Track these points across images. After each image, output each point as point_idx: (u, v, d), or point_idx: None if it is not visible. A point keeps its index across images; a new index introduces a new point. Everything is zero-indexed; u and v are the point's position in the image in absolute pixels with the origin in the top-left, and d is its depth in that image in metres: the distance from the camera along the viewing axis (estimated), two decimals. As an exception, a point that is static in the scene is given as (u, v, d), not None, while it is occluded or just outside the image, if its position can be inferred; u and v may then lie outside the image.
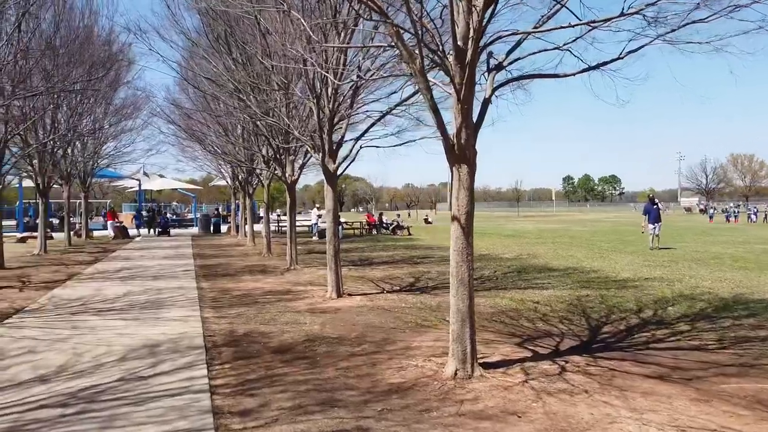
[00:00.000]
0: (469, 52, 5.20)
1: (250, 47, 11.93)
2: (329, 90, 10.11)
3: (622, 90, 8.11)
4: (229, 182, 32.63)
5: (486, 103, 5.77)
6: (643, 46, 5.58)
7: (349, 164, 10.76)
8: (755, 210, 48.56)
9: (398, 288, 11.92)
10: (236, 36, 12.50)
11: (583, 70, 5.80)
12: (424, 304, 9.81)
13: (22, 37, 13.64)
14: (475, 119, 5.61)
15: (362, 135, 10.72)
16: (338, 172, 10.70)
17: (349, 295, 10.84)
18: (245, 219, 28.95)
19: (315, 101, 10.08)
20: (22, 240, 26.18)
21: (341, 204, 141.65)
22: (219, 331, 7.94)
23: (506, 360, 6.31)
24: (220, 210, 42.40)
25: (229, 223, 35.31)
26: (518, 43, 5.93)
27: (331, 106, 10.20)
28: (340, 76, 9.65)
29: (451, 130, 5.56)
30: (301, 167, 15.59)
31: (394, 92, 10.44)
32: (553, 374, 5.73)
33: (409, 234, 31.88)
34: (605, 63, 5.73)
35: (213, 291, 11.73)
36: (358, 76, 9.71)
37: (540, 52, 6.00)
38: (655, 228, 19.98)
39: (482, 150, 5.83)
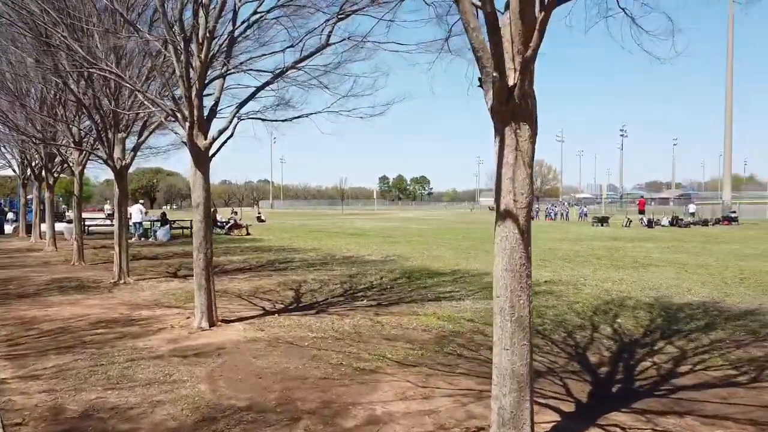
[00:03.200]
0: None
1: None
2: (202, 30, 7.04)
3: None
4: (17, 171, 26.04)
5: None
6: None
7: (226, 140, 7.76)
8: (555, 209, 53.74)
9: (283, 306, 9.18)
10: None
11: None
12: (337, 331, 7.28)
13: None
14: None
15: (248, 100, 7.79)
16: (211, 151, 7.63)
17: (225, 321, 7.85)
18: (41, 217, 23.12)
19: (182, 45, 6.92)
20: None
21: (152, 201, 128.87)
22: (30, 411, 4.59)
23: None
24: (2, 206, 34.17)
25: (17, 222, 28.31)
26: None
27: (203, 54, 7.13)
28: (221, 5, 6.69)
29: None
30: (137, 148, 11.82)
31: (291, 46, 7.68)
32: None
33: (248, 233, 28.49)
34: None
35: (5, 324, 7.80)
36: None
37: None
38: None
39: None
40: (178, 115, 7.49)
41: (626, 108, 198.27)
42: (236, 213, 31.13)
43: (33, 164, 22.44)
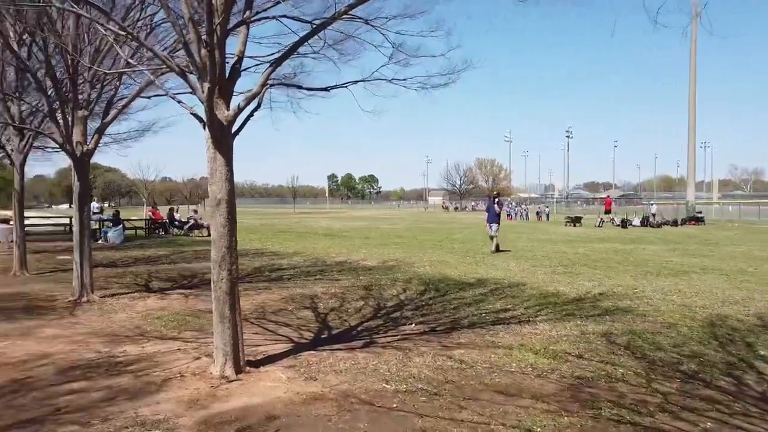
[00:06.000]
0: None
1: None
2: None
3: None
4: (-63, 161, 22.35)
5: None
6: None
7: (252, 113, 5.58)
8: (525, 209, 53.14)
9: (312, 335, 7.06)
10: None
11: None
12: (420, 379, 5.25)
13: None
14: None
15: (288, 54, 5.63)
16: (235, 126, 5.41)
17: (254, 363, 5.67)
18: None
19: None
20: None
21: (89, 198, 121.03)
22: None
23: None
24: None
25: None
26: None
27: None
28: None
29: None
30: (102, 129, 9.27)
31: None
32: None
33: (209, 234, 25.73)
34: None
35: (-72, 376, 5.34)
36: None
37: None
38: (491, 228, 17.68)
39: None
40: (190, 77, 5.26)
41: (568, 108, 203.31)
42: (197, 212, 28.26)
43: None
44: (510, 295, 9.89)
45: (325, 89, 6.40)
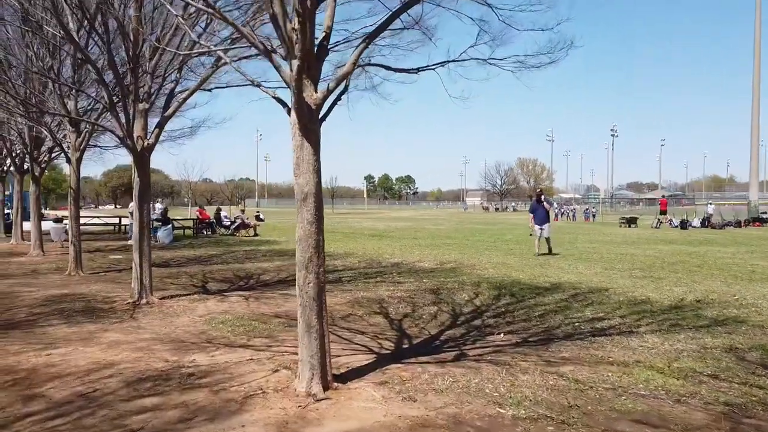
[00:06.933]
0: None
1: None
2: None
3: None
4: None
5: None
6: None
7: (341, 95, 4.95)
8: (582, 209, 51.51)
9: (392, 345, 6.39)
10: None
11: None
12: (536, 401, 4.50)
13: None
14: None
15: (384, 28, 4.97)
16: (322, 111, 4.79)
17: (341, 378, 5.02)
18: (21, 215, 19.94)
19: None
20: None
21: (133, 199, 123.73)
22: None
23: None
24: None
25: (-7, 219, 24.91)
26: None
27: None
28: None
29: None
30: (163, 123, 8.83)
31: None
32: None
33: (256, 234, 25.51)
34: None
35: (-11, 386, 4.89)
36: None
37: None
38: (542, 230, 16.39)
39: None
40: (275, 56, 4.66)
41: (612, 108, 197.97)
42: (243, 211, 28.09)
43: (13, 154, 19.22)
44: (596, 301, 9.02)
45: (415, 71, 5.72)
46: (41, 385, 4.88)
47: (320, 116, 4.82)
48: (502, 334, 6.86)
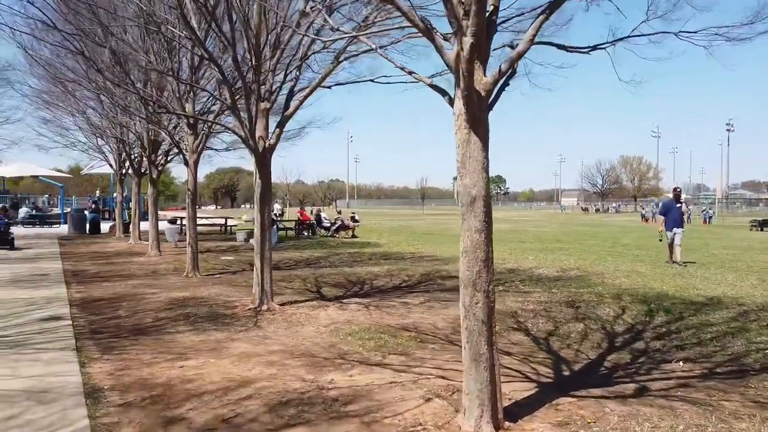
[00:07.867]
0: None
1: None
2: None
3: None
4: (114, 165, 23.97)
5: None
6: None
7: (507, 80, 4.20)
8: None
9: (550, 371, 5.53)
10: None
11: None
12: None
13: None
14: None
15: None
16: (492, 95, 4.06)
17: (510, 416, 4.25)
18: (138, 215, 20.85)
19: None
20: None
21: (232, 200, 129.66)
22: None
23: None
24: (98, 203, 32.85)
25: (113, 220, 26.46)
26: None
27: None
28: None
29: None
30: (283, 123, 8.49)
31: None
32: None
33: (354, 236, 25.28)
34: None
35: (128, 403, 4.55)
36: None
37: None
38: (675, 235, 14.50)
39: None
40: (437, 37, 3.97)
41: (722, 102, 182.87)
42: (340, 213, 28.05)
43: (132, 157, 20.13)
44: (775, 323, 7.64)
45: (587, 50, 4.83)
46: (180, 405, 4.49)
47: (490, 101, 4.08)
48: (681, 363, 5.78)
